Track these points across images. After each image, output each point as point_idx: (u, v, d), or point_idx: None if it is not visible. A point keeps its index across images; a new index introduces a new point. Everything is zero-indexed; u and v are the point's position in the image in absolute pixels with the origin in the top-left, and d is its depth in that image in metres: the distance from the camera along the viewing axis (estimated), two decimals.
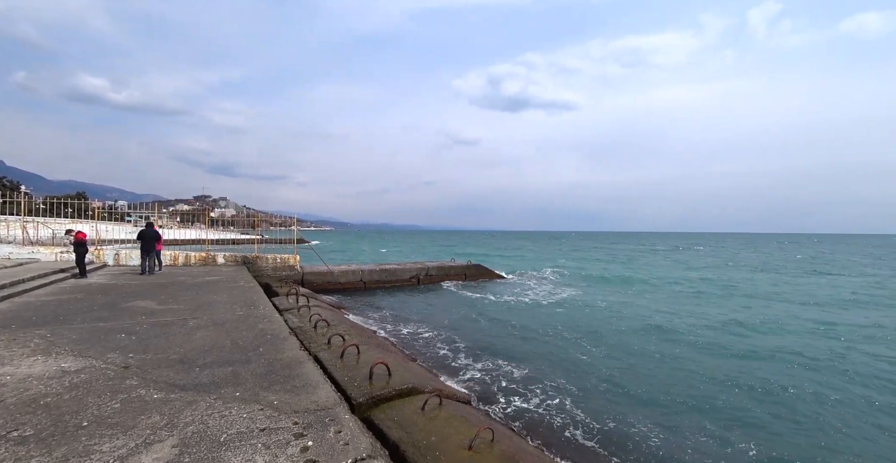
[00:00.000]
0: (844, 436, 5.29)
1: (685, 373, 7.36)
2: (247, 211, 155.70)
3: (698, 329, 10.77)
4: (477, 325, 10.86)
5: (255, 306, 7.81)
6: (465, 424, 3.84)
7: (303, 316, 8.46)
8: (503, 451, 3.40)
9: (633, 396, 6.26)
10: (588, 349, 8.74)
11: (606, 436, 5.01)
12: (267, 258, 15.44)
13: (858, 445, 5.09)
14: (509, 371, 7.20)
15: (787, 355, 8.66)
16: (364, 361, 5.47)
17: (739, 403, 6.24)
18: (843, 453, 4.87)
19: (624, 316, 12.30)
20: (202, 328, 5.98)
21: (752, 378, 7.18)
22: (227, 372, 4.26)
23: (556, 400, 5.97)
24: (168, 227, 27.02)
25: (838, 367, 8.04)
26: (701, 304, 14.84)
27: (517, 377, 6.93)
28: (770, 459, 4.59)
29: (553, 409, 5.73)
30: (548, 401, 5.95)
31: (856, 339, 10.23)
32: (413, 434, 3.78)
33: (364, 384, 4.80)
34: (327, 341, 6.46)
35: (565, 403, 5.90)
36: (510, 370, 7.25)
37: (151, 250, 12.02)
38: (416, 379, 5.01)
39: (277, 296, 11.24)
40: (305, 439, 2.98)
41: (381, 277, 17.30)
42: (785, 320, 12.11)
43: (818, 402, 6.37)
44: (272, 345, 5.34)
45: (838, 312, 13.85)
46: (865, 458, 4.80)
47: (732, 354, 8.75)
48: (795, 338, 10.26)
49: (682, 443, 4.85)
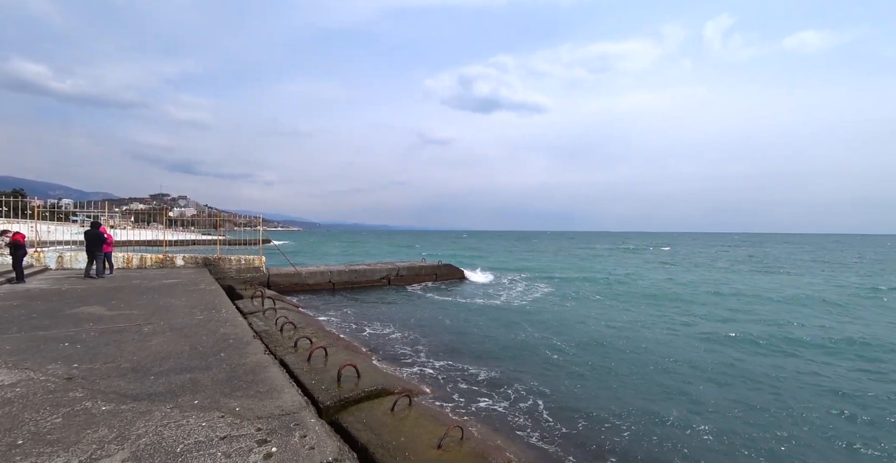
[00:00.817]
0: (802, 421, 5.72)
1: (650, 370, 7.67)
2: (209, 210, 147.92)
3: (668, 327, 11.28)
4: (447, 325, 10.88)
5: (217, 310, 7.48)
6: (435, 423, 3.86)
7: (268, 319, 8.19)
8: (473, 448, 3.43)
9: (602, 394, 6.45)
10: (559, 348, 8.93)
11: (573, 433, 5.15)
12: (230, 260, 14.81)
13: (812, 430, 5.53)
14: (479, 371, 7.27)
15: (744, 344, 9.31)
16: (332, 364, 5.37)
17: (702, 392, 6.61)
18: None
19: (592, 315, 12.64)
20: (158, 334, 5.66)
21: (718, 371, 7.62)
22: (185, 379, 4.05)
23: (527, 400, 6.06)
24: (121, 228, 25.31)
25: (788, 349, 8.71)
26: (668, 302, 15.54)
27: (487, 377, 7.00)
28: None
29: (523, 407, 5.82)
30: (518, 401, 6.04)
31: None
32: (382, 436, 3.75)
33: (332, 387, 4.71)
34: (294, 344, 6.29)
35: (536, 402, 6.00)
36: (479, 370, 7.32)
37: (97, 252, 11.21)
38: (385, 380, 4.97)
39: (241, 298, 10.82)
40: (269, 446, 2.89)
41: (350, 277, 17.01)
42: (751, 318, 12.95)
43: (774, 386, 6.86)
44: (235, 350, 5.13)
45: (795, 308, 14.98)
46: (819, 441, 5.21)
47: (697, 348, 9.26)
48: (757, 328, 11.01)
49: (648, 440, 5.01)
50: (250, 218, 19.92)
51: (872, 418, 5.84)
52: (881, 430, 5.54)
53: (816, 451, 4.94)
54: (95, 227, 11.41)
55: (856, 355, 8.94)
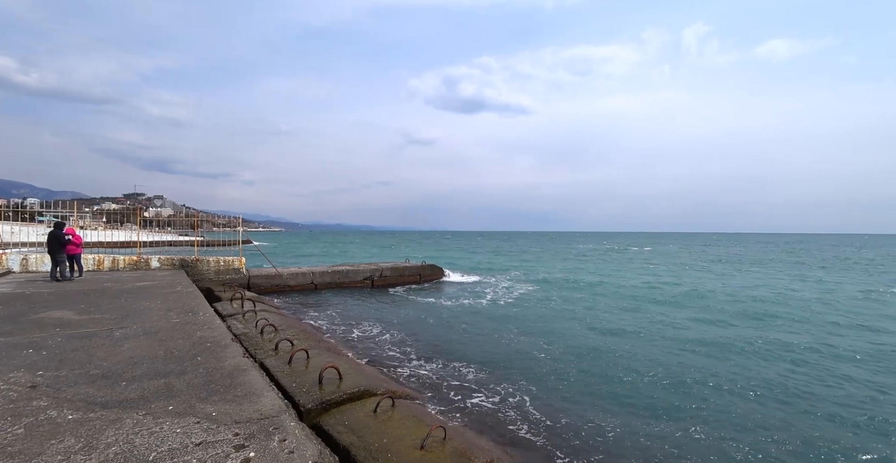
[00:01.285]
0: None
1: (633, 368, 7.75)
2: (186, 210, 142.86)
3: (649, 327, 11.49)
4: (432, 326, 10.85)
5: (194, 313, 7.26)
6: (419, 423, 3.83)
7: (248, 321, 8.01)
8: (455, 448, 3.43)
9: (588, 393, 6.50)
10: (544, 348, 8.98)
11: (558, 431, 5.19)
12: (209, 261, 14.41)
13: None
14: (464, 371, 7.27)
15: (731, 343, 9.60)
16: (314, 366, 5.28)
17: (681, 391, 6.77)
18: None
19: (577, 316, 12.75)
20: (131, 339, 5.45)
21: (696, 367, 7.82)
22: (159, 385, 3.91)
23: (513, 400, 6.09)
24: (91, 228, 24.30)
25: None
26: (648, 302, 15.84)
27: (472, 377, 7.01)
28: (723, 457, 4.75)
29: (508, 406, 5.84)
30: (503, 400, 6.05)
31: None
32: (365, 437, 3.71)
33: (314, 390, 4.63)
34: (275, 347, 6.17)
35: (522, 401, 6.03)
36: (465, 370, 7.32)
37: (59, 254, 10.73)
38: (368, 381, 4.92)
39: (220, 301, 10.55)
40: (247, 451, 2.82)
41: (333, 278, 16.79)
42: (734, 316, 13.35)
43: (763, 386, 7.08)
44: (212, 353, 4.99)
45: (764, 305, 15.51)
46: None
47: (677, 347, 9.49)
48: (736, 326, 11.36)
49: (632, 437, 5.07)
50: (230, 218, 19.45)
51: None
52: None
53: (797, 448, 5.10)
54: (59, 228, 10.92)
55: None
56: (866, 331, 11.14)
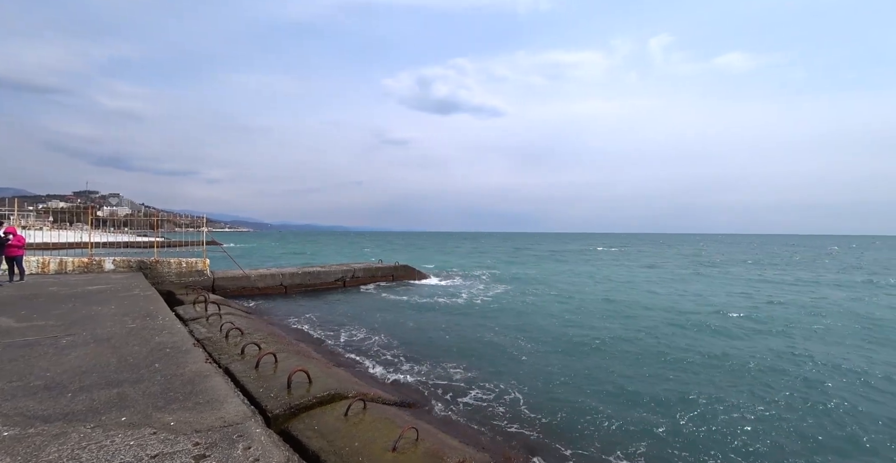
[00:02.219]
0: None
1: (607, 363, 7.97)
2: (146, 209, 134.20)
3: (623, 323, 11.84)
4: (404, 326, 10.75)
5: (153, 317, 6.86)
6: (391, 425, 3.78)
7: (212, 325, 7.67)
8: (428, 448, 3.40)
9: (562, 389, 6.62)
10: (519, 346, 9.04)
11: (532, 428, 5.23)
12: (170, 263, 13.67)
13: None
14: (439, 371, 7.24)
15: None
16: (282, 370, 5.11)
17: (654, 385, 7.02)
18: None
19: (551, 313, 12.93)
20: (79, 346, 5.07)
21: (674, 357, 8.14)
22: (111, 395, 3.65)
23: (489, 396, 6.11)
24: (36, 228, 22.51)
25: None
26: (621, 300, 16.31)
27: (448, 376, 6.99)
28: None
29: (483, 405, 5.85)
30: (478, 397, 6.07)
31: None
32: (335, 442, 3.62)
33: (282, 394, 4.48)
34: (240, 351, 5.93)
35: (499, 398, 6.05)
36: (440, 370, 7.29)
37: None
38: (339, 384, 4.81)
39: (182, 304, 10.04)
40: (208, 460, 2.67)
41: (303, 280, 16.35)
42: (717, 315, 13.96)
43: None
44: (171, 359, 4.72)
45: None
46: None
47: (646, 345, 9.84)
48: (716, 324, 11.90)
49: (610, 433, 5.15)
50: (193, 218, 18.56)
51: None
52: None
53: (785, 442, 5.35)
54: None
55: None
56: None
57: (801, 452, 4.89)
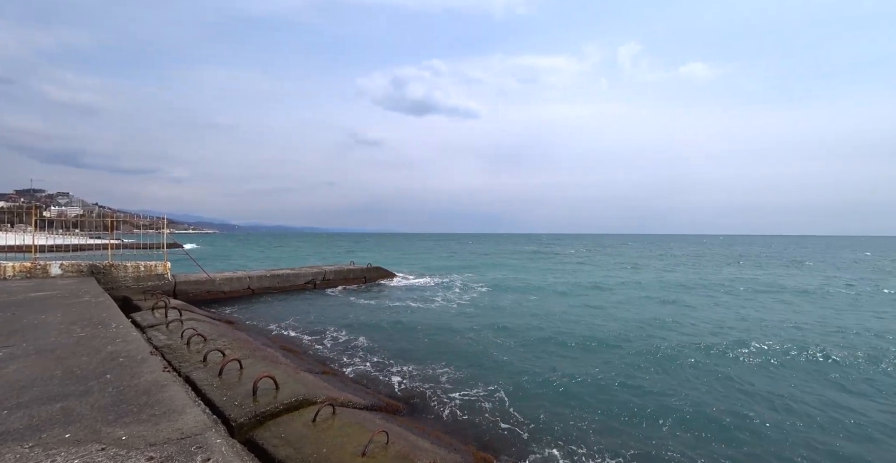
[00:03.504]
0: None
1: (582, 364, 8.07)
2: (100, 210, 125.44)
3: (598, 322, 12.12)
4: (377, 328, 10.60)
5: (105, 325, 6.43)
6: (361, 430, 3.71)
7: (173, 332, 7.30)
8: (398, 451, 3.36)
9: (538, 389, 6.68)
10: (495, 347, 9.05)
11: (504, 428, 5.28)
12: (126, 267, 12.88)
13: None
14: (413, 374, 7.19)
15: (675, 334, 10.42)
16: (248, 377, 4.93)
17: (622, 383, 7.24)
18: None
19: (528, 313, 12.96)
20: (19, 359, 4.68)
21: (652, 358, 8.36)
22: (54, 410, 3.39)
23: (463, 398, 6.10)
24: None
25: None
26: (594, 299, 16.76)
27: (420, 379, 6.94)
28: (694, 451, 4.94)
29: (456, 407, 5.83)
30: (453, 399, 6.05)
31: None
32: (303, 449, 3.52)
33: (246, 402, 4.32)
34: (203, 359, 5.68)
35: (473, 400, 6.04)
36: (413, 373, 7.23)
37: None
38: (307, 390, 4.68)
39: (140, 311, 9.50)
40: None
41: (272, 283, 15.84)
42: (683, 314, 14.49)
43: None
44: (125, 369, 4.43)
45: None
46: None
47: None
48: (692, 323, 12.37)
49: (584, 433, 5.21)
50: (153, 219, 17.60)
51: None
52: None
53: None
54: None
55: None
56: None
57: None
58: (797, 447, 5.02)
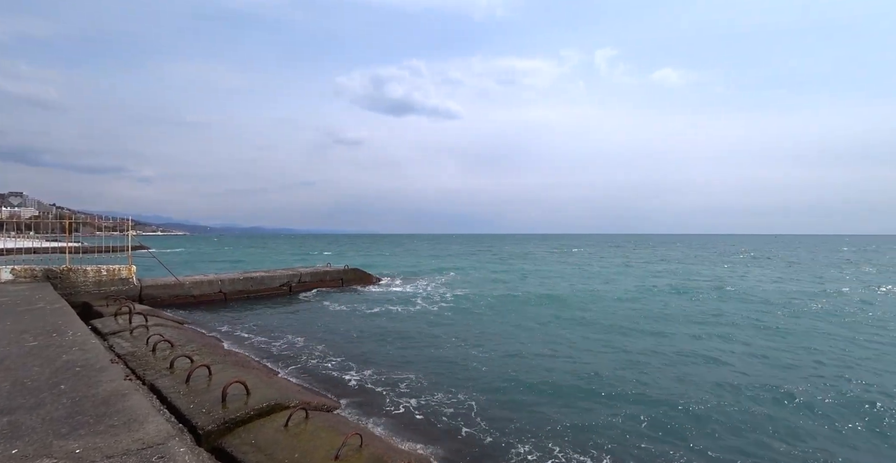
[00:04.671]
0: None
1: (560, 367, 7.93)
2: (58, 211, 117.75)
3: (578, 323, 12.11)
4: (354, 332, 10.40)
5: (61, 333, 6.08)
6: (334, 433, 3.64)
7: (137, 338, 6.98)
8: (372, 453, 3.32)
9: (513, 391, 6.65)
10: (473, 350, 8.93)
11: (479, 430, 5.18)
12: (86, 271, 12.21)
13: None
14: (390, 377, 7.05)
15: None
16: (217, 383, 4.76)
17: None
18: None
19: (509, 319, 12.58)
20: None
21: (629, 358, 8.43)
22: (1, 424, 3.17)
23: (439, 401, 6.00)
24: None
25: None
26: (575, 302, 16.64)
27: (397, 382, 6.81)
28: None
29: (432, 409, 5.73)
30: (429, 403, 5.92)
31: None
32: (274, 455, 3.43)
33: (215, 409, 4.17)
34: (169, 365, 5.45)
35: (449, 403, 5.91)
36: (390, 376, 7.08)
37: None
38: (280, 394, 4.56)
39: (102, 317, 9.04)
40: None
41: (245, 286, 15.37)
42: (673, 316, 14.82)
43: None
44: (82, 379, 4.20)
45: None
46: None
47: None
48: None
49: (557, 433, 5.13)
50: (117, 220, 16.76)
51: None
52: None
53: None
54: None
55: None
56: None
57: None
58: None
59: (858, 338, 10.21)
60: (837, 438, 5.28)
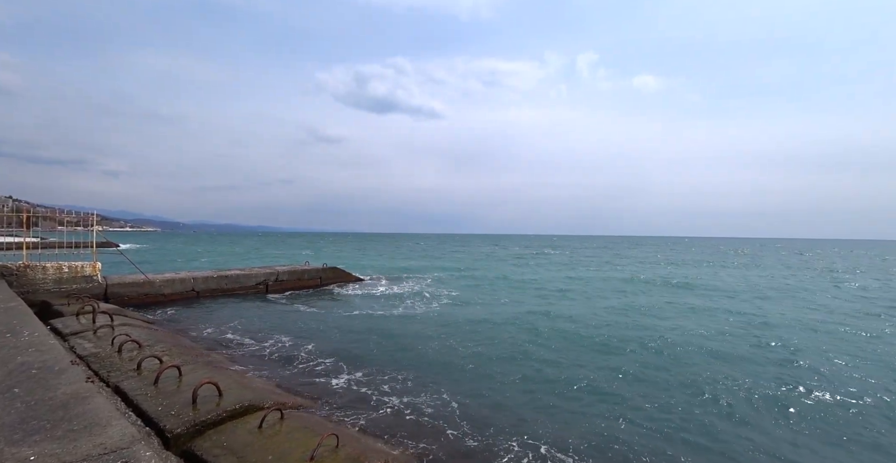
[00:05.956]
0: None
1: (539, 369, 7.95)
2: (14, 204, 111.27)
3: (561, 324, 12.26)
4: (332, 332, 10.23)
5: (15, 333, 5.72)
6: (310, 434, 3.56)
7: (102, 339, 6.66)
8: (349, 454, 3.26)
9: (494, 390, 6.67)
10: (453, 350, 8.92)
11: (459, 430, 5.18)
12: (46, 268, 11.55)
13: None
14: (369, 377, 6.97)
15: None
16: (188, 384, 4.59)
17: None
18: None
19: (490, 319, 12.48)
20: None
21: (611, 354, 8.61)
22: None
23: (418, 400, 5.97)
24: None
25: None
26: (556, 300, 17.07)
27: (375, 382, 6.75)
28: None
29: (411, 409, 5.68)
30: (408, 403, 5.87)
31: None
32: (247, 457, 3.33)
33: (185, 411, 4.02)
34: (136, 366, 5.23)
35: (428, 402, 5.90)
36: (368, 376, 7.01)
37: None
38: (254, 395, 4.43)
39: (62, 316, 8.57)
40: None
41: (219, 284, 14.89)
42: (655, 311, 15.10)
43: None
44: (38, 382, 3.96)
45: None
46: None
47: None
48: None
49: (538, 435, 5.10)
50: (81, 215, 15.93)
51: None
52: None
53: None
54: None
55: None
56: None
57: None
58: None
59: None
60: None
